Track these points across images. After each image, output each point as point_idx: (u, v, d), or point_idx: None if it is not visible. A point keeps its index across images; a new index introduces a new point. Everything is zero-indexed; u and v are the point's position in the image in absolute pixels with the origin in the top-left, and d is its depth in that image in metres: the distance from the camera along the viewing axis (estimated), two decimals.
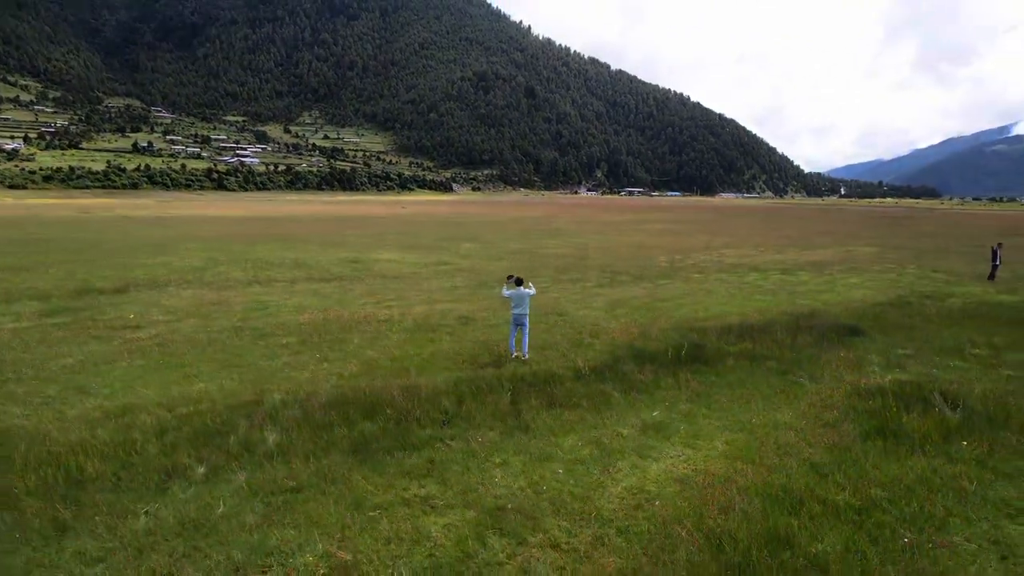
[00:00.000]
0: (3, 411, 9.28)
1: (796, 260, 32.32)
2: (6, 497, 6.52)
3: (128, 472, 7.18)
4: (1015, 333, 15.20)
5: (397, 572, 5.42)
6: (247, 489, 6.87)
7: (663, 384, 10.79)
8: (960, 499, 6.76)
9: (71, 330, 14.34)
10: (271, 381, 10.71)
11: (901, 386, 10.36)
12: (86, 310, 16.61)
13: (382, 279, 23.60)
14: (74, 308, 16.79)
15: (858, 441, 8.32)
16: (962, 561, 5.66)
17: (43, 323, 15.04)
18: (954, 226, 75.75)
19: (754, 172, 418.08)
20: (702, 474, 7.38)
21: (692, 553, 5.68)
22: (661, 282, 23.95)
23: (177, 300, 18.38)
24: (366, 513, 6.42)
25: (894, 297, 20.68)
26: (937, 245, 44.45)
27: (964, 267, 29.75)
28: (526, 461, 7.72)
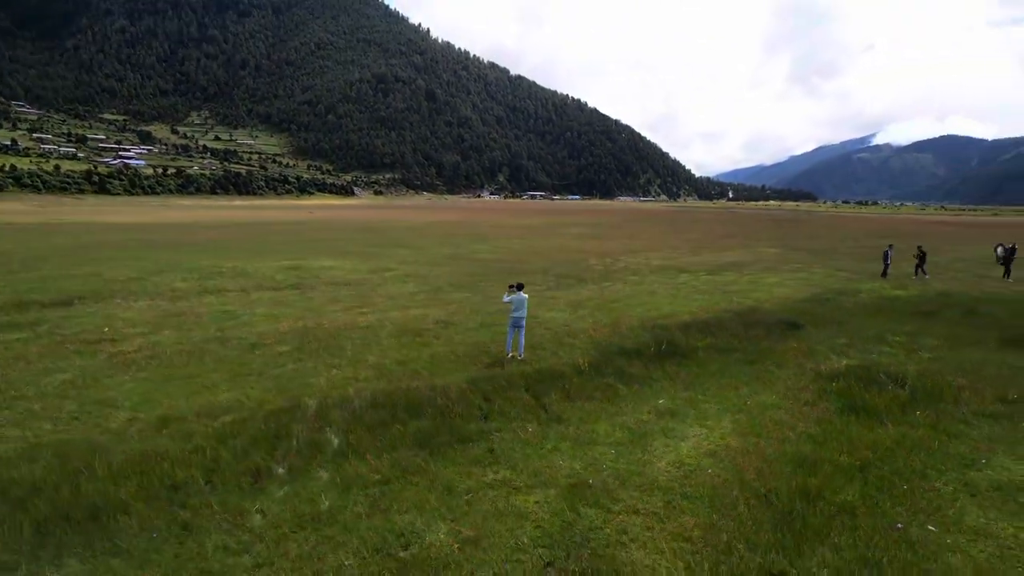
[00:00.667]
0: (32, 427, 9.22)
1: (715, 261, 35.17)
2: (116, 502, 6.81)
3: (217, 476, 7.58)
4: (918, 323, 17.92)
5: (518, 541, 6.34)
6: (339, 484, 7.49)
7: (655, 376, 12.18)
8: (929, 455, 8.51)
9: (43, 346, 13.83)
10: (294, 388, 11.11)
11: (854, 370, 12.33)
12: (40, 324, 15.88)
13: (335, 286, 23.73)
14: (26, 323, 15.99)
15: (836, 415, 10.04)
16: (946, 500, 7.31)
17: (5, 338, 14.39)
18: (835, 228, 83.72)
19: (649, 176, 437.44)
20: (725, 448, 8.76)
21: (750, 508, 6.98)
22: (604, 284, 25.58)
23: (134, 312, 17.86)
24: (461, 497, 7.27)
25: (812, 294, 23.37)
26: (828, 246, 49.41)
27: (858, 266, 33.62)
28: (573, 446, 8.79)
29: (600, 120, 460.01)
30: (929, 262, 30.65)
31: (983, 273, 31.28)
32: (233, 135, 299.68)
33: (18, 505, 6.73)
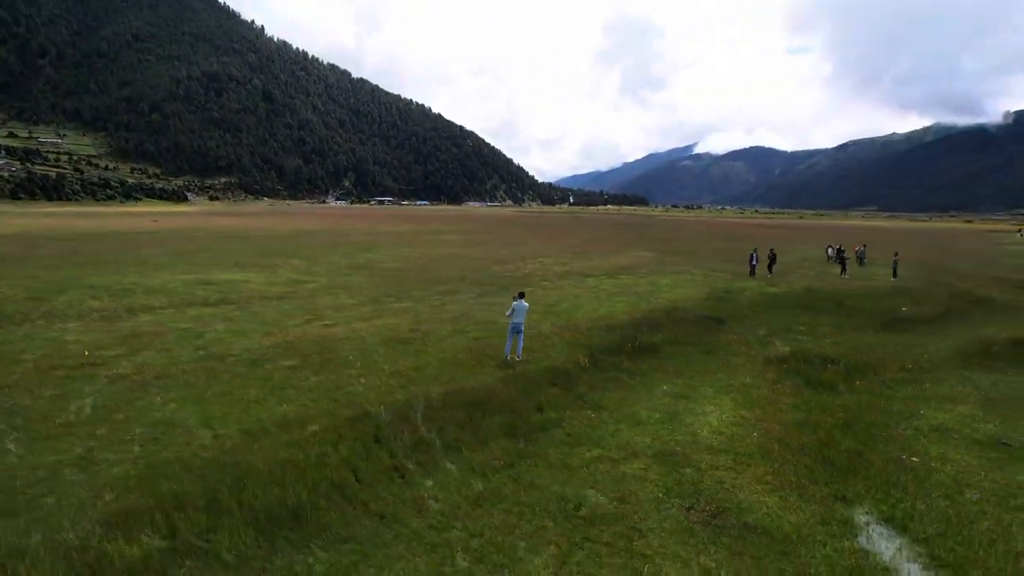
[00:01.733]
0: (120, 451, 9.44)
1: (607, 266, 38.76)
2: (302, 503, 7.68)
3: (365, 475, 8.60)
4: (807, 315, 22.07)
5: (654, 496, 8.23)
6: (474, 471, 8.88)
7: (644, 368, 14.52)
8: (882, 413, 11.60)
9: (22, 373, 13.23)
10: (342, 398, 11.96)
11: (793, 354, 15.56)
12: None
13: (268, 300, 23.60)
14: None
15: (803, 389, 12.98)
16: (911, 441, 10.28)
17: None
18: (681, 230, 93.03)
19: (495, 182, 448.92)
20: (742, 418, 11.23)
21: (795, 457, 9.42)
22: (528, 290, 27.70)
23: (79, 335, 16.92)
24: (580, 471, 9.00)
25: (709, 293, 27.21)
26: (689, 248, 55.62)
27: (726, 266, 38.82)
28: (631, 426, 10.79)
29: (446, 126, 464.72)
30: (777, 262, 36.37)
31: (824, 271, 37.69)
32: (33, 132, 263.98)
33: (220, 511, 7.41)
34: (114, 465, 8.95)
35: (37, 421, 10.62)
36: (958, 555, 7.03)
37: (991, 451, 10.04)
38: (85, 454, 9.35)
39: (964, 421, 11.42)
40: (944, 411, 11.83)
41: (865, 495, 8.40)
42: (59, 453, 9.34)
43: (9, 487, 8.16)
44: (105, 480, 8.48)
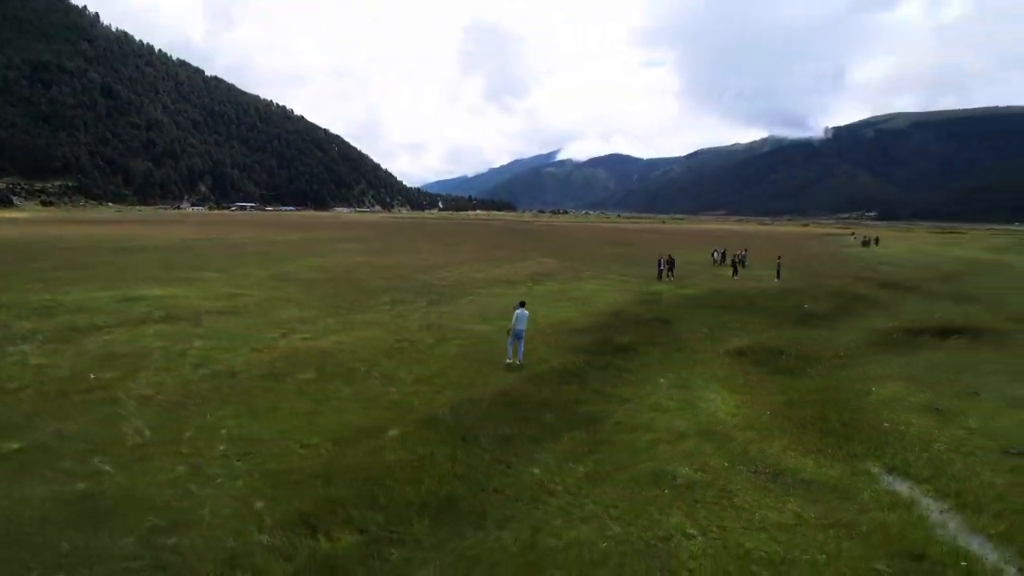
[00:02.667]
0: (228, 466, 9.90)
1: (525, 273, 40.88)
2: (445, 495, 8.81)
3: (477, 469, 9.82)
4: (731, 313, 25.34)
5: (724, 464, 10.15)
6: (567, 457, 10.37)
7: (634, 366, 16.61)
8: (847, 391, 14.42)
9: (30, 400, 12.86)
10: (393, 404, 12.90)
11: (749, 347, 18.34)
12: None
13: (218, 315, 23.02)
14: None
15: (771, 376, 15.60)
16: (877, 410, 13.03)
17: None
18: (566, 236, 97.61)
19: (363, 187, 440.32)
20: (744, 402, 13.58)
21: (808, 429, 11.78)
22: (469, 298, 29.08)
23: (44, 358, 16.18)
24: (649, 450, 10.77)
25: (636, 297, 30.04)
26: (586, 254, 59.18)
27: (632, 271, 42.31)
28: (662, 413, 12.81)
29: (309, 130, 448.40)
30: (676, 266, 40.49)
31: (715, 274, 42.24)
32: None
33: (386, 507, 8.38)
34: (235, 478, 9.47)
35: (107, 445, 10.68)
36: (952, 488, 9.62)
37: (931, 415, 13.07)
38: (193, 471, 9.74)
39: (902, 394, 14.55)
40: (885, 388, 14.94)
41: (867, 454, 10.92)
42: (163, 472, 9.66)
43: (156, 504, 8.56)
44: (239, 491, 9.04)
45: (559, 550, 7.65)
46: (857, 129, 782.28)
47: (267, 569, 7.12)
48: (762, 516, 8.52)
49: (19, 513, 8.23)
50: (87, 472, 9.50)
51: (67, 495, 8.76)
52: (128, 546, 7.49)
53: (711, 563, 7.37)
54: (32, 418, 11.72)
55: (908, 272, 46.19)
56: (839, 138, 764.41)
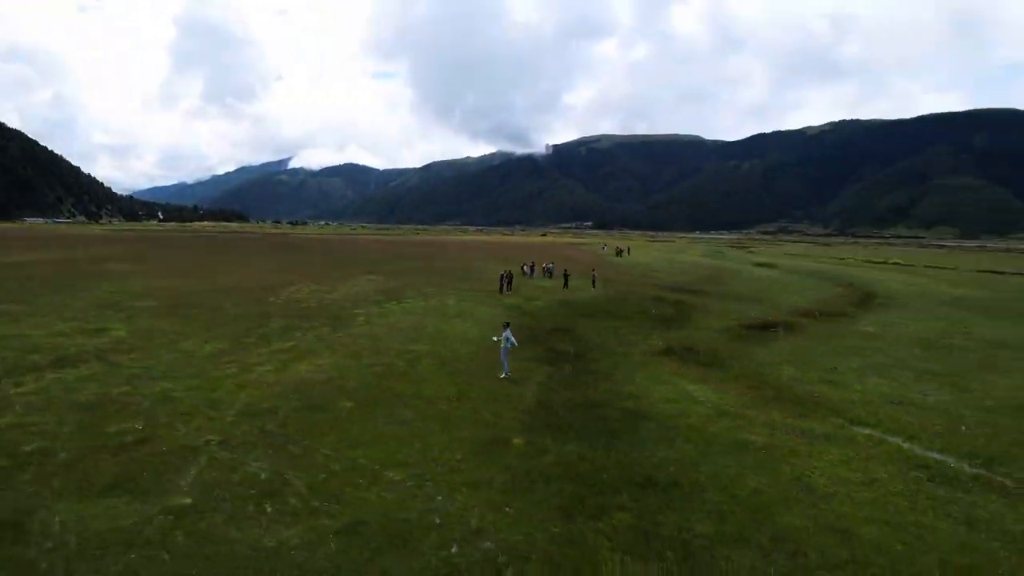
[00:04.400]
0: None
1: (375, 290, 41.37)
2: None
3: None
4: (606, 320, 30.07)
5: (765, 431, 14.08)
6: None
7: (601, 368, 19.96)
8: (764, 372, 19.46)
9: (116, 458, 12.10)
10: (481, 419, 14.62)
11: (667, 348, 22.85)
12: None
13: (118, 354, 21.22)
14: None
15: (707, 369, 20.24)
16: (829, 366, 18.25)
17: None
18: (353, 250, 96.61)
19: (59, 194, 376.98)
20: (714, 388, 17.78)
21: (777, 403, 16.36)
22: (364, 320, 29.66)
23: (47, 416, 14.61)
24: (706, 426, 14.25)
25: (511, 312, 33.31)
26: (398, 269, 60.50)
27: (465, 285, 45.35)
28: (671, 403, 16.33)
29: None
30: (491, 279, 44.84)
31: (541, 285, 47.15)
32: None
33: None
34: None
35: (295, 492, 11.10)
36: (895, 428, 14.84)
37: (829, 386, 18.83)
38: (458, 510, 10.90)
39: (798, 374, 20.34)
40: (784, 370, 20.58)
41: (829, 415, 15.95)
42: (410, 511, 10.56)
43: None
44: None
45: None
46: (572, 147, 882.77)
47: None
48: (834, 463, 12.69)
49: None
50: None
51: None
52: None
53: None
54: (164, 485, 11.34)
55: (680, 278, 56.64)
56: (558, 154, 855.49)
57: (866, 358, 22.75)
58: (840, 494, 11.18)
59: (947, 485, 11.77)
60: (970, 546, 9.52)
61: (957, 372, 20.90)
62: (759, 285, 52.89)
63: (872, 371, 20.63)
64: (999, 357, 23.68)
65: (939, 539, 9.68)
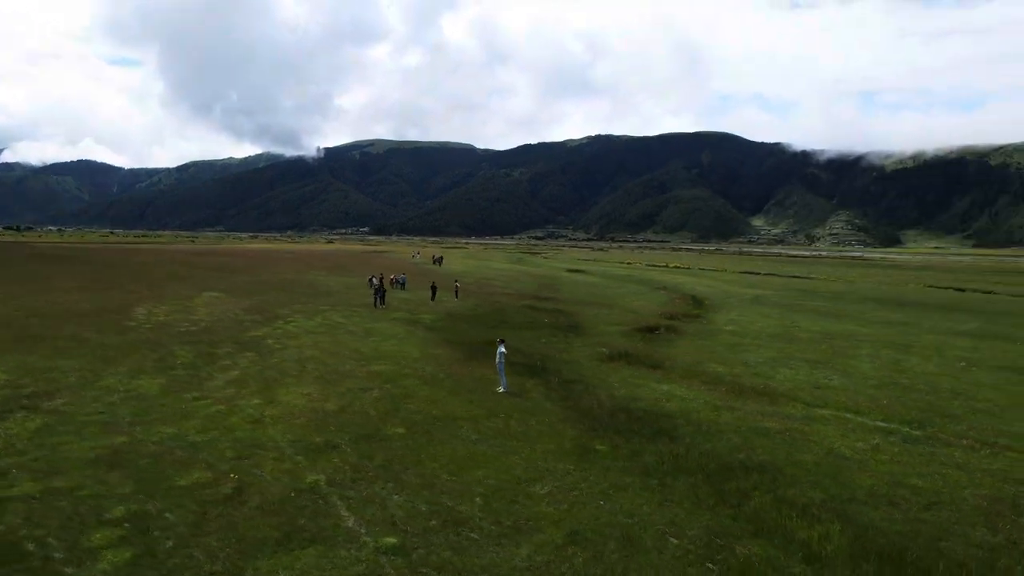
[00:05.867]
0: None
1: (239, 310, 38.37)
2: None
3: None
4: (518, 331, 31.95)
5: (798, 412, 17.19)
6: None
7: (572, 375, 21.86)
8: (705, 372, 22.97)
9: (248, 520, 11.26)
10: (542, 432, 15.69)
11: (609, 353, 25.40)
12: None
13: (74, 391, 18.55)
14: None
15: (653, 370, 23.14)
16: (732, 376, 22.02)
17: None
18: (127, 264, 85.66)
19: None
20: (685, 385, 20.67)
21: (746, 394, 19.75)
22: (276, 345, 27.96)
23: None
24: (719, 412, 16.98)
25: (412, 321, 33.58)
26: (237, 285, 55.86)
27: (339, 300, 44.02)
28: (670, 401, 18.84)
29: None
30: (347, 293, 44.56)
31: (411, 298, 47.03)
32: None
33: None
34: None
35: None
36: (846, 406, 18.86)
37: (768, 378, 22.69)
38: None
39: (725, 368, 24.08)
40: (720, 366, 24.17)
41: (789, 401, 19.61)
42: (599, 516, 11.52)
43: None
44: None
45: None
46: (345, 151, 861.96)
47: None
48: (839, 438, 16.07)
49: None
50: None
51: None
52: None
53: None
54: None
55: (520, 287, 60.30)
56: (331, 158, 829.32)
57: (754, 353, 27.61)
58: (870, 459, 14.65)
59: (920, 444, 15.90)
60: (975, 480, 13.43)
61: (827, 360, 26.49)
62: (595, 291, 58.48)
63: (774, 363, 25.35)
64: (840, 345, 30.24)
65: (957, 480, 13.51)
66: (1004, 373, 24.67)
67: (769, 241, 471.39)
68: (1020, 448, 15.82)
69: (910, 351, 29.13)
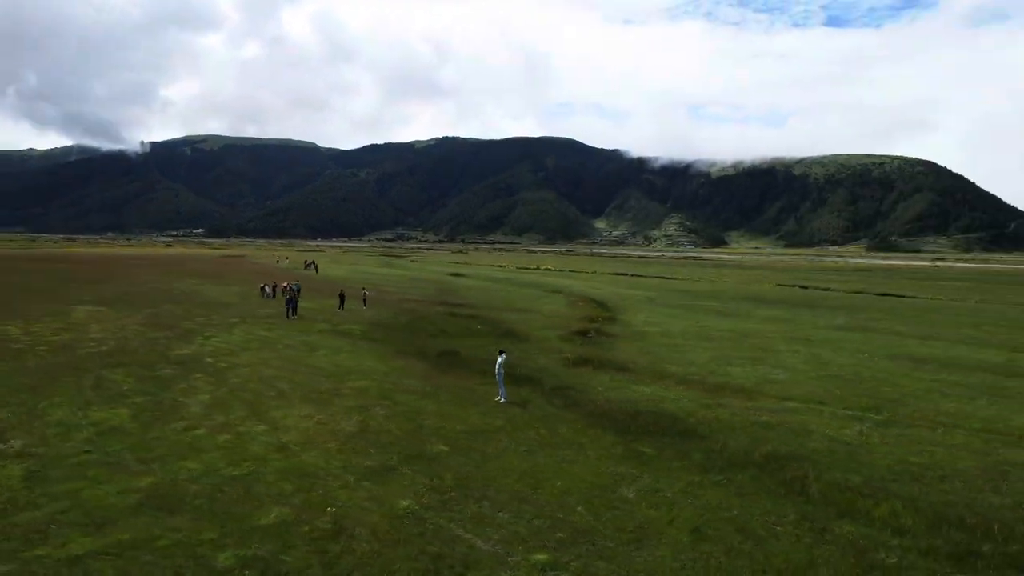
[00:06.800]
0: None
1: (140, 326, 34.68)
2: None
3: None
4: (464, 339, 32.01)
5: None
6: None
7: (557, 383, 22.58)
8: (654, 368, 24.70)
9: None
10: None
11: (571, 358, 26.38)
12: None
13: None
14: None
15: (617, 373, 24.49)
16: (676, 374, 23.98)
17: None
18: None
19: None
20: (659, 385, 22.16)
21: (716, 390, 21.62)
22: (214, 365, 25.87)
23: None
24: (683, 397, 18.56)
25: (340, 333, 32.42)
26: (101, 296, 50.01)
27: (247, 312, 40.99)
28: (651, 401, 20.19)
29: None
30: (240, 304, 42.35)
31: (321, 308, 44.68)
32: None
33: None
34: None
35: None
36: (793, 396, 21.24)
37: (706, 368, 24.73)
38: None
39: (681, 368, 25.91)
40: (668, 367, 25.88)
41: (731, 395, 21.55)
42: (705, 516, 12.27)
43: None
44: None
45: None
46: (175, 146, 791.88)
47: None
48: (835, 426, 18.14)
49: None
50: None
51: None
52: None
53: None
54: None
55: (417, 292, 59.70)
56: (157, 153, 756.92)
57: (693, 353, 30.00)
58: (866, 443, 17.12)
59: (890, 428, 18.67)
60: (955, 455, 16.18)
61: (760, 357, 29.48)
62: (497, 296, 59.36)
63: (720, 362, 27.79)
64: (757, 343, 33.65)
65: (943, 456, 16.20)
66: (899, 361, 28.98)
67: (611, 242, 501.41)
68: (963, 425, 18.98)
69: (816, 345, 33.13)
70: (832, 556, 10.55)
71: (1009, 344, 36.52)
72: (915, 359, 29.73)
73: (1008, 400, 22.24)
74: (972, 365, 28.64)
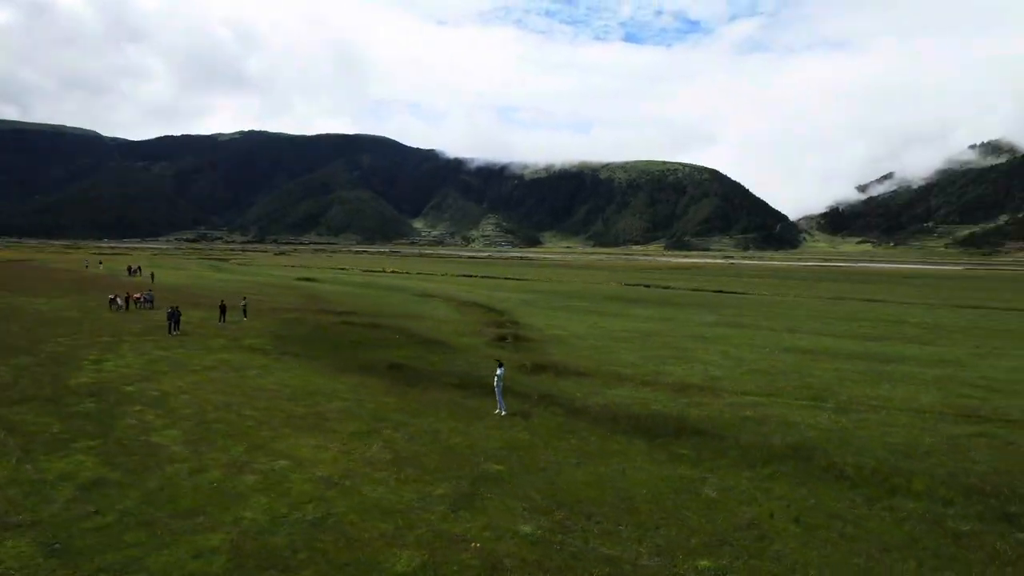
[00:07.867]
0: None
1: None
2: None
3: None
4: (408, 349, 30.95)
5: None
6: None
7: (544, 390, 22.91)
8: (623, 370, 26.11)
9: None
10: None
11: (525, 364, 26.68)
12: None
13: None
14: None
15: (580, 379, 25.46)
16: (641, 375, 25.70)
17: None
18: None
19: None
20: (637, 387, 23.42)
21: (678, 391, 23.37)
22: (144, 388, 22.73)
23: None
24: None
25: (251, 349, 29.84)
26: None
27: (133, 327, 35.81)
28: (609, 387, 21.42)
29: None
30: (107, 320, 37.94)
31: (206, 320, 39.98)
32: None
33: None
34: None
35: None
36: (767, 390, 23.64)
37: (655, 368, 26.51)
38: None
39: (633, 370, 27.37)
40: (624, 370, 27.22)
41: (700, 392, 23.54)
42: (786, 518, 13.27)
43: None
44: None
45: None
46: None
47: None
48: (828, 419, 20.39)
49: None
50: None
51: None
52: None
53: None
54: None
55: (288, 301, 55.72)
56: None
57: (623, 355, 31.66)
58: (847, 428, 19.57)
59: (848, 414, 21.39)
60: (917, 434, 19.10)
61: (682, 356, 31.85)
62: (377, 302, 57.16)
63: (656, 362, 29.66)
64: (666, 342, 36.26)
65: (908, 435, 19.02)
66: (795, 354, 33.03)
67: (431, 242, 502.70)
68: (892, 407, 22.29)
69: (714, 342, 36.60)
70: (921, 532, 12.21)
71: (850, 334, 43.06)
72: (803, 351, 34.03)
73: (902, 383, 26.42)
74: (847, 354, 33.43)
